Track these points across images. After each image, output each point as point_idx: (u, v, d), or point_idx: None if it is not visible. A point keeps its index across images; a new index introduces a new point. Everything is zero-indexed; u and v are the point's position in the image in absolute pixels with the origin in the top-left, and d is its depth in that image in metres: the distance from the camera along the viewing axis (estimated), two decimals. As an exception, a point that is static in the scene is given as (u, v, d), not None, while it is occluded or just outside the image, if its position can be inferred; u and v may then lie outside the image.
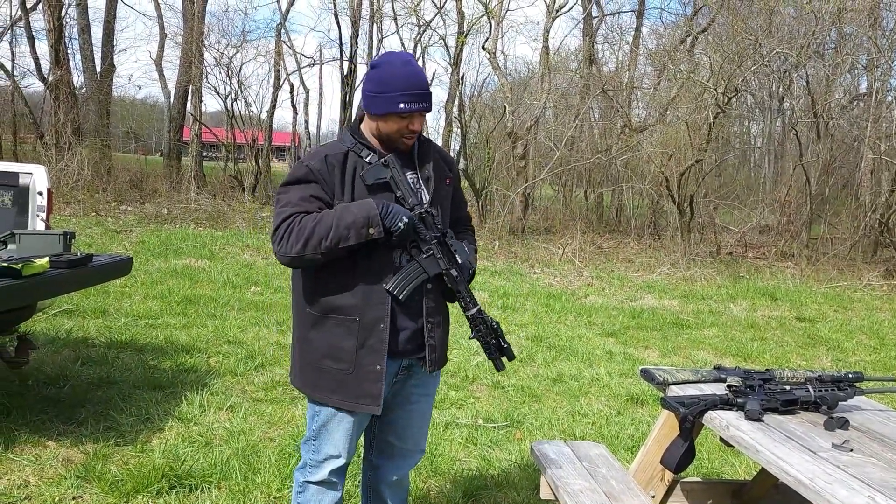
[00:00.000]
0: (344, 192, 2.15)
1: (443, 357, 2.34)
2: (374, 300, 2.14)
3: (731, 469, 3.79)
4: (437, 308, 2.26)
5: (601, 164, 14.95)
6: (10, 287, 3.06)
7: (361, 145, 2.20)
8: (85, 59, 16.80)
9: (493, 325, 2.29)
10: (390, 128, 2.16)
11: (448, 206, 2.35)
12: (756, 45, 12.21)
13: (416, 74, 2.15)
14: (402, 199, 2.15)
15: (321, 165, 2.14)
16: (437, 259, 2.18)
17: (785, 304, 9.14)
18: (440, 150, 2.40)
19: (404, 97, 2.11)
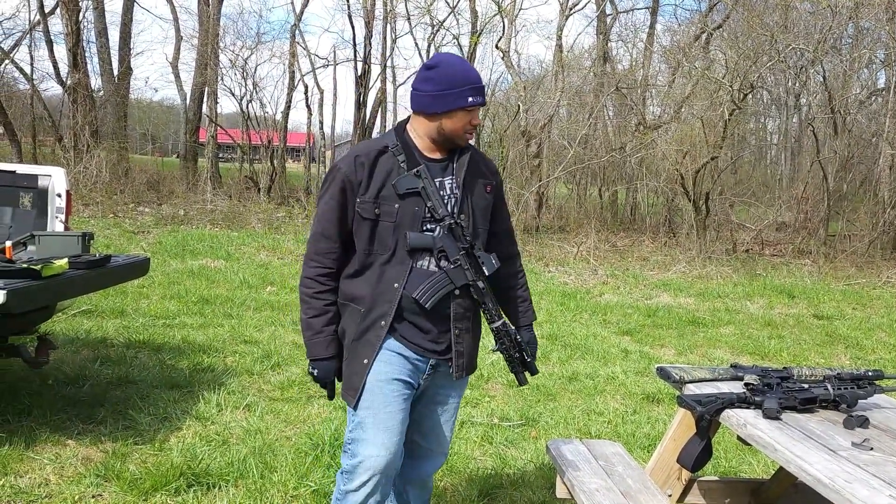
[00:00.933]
0: (369, 190, 2.19)
1: (471, 364, 2.36)
2: (382, 297, 2.19)
3: (749, 468, 3.77)
4: (465, 315, 2.28)
5: (615, 162, 14.89)
6: (30, 288, 3.10)
7: (402, 147, 2.23)
8: (102, 63, 16.96)
9: (517, 339, 2.32)
10: (456, 124, 2.21)
11: (485, 215, 2.33)
12: (772, 41, 12.10)
13: (474, 71, 2.25)
14: (433, 209, 2.19)
15: (348, 166, 2.20)
16: (464, 270, 2.22)
17: (802, 301, 9.05)
18: (483, 157, 2.41)
19: (471, 91, 2.19)
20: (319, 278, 2.25)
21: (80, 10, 15.82)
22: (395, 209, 2.18)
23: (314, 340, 2.24)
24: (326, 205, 2.23)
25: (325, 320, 2.25)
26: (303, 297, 2.26)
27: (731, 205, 14.19)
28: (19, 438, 3.49)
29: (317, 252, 2.25)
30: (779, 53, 12.38)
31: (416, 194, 2.19)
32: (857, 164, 15.08)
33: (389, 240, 2.19)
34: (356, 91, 18.14)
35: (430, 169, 2.23)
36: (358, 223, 2.21)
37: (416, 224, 2.20)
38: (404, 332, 2.23)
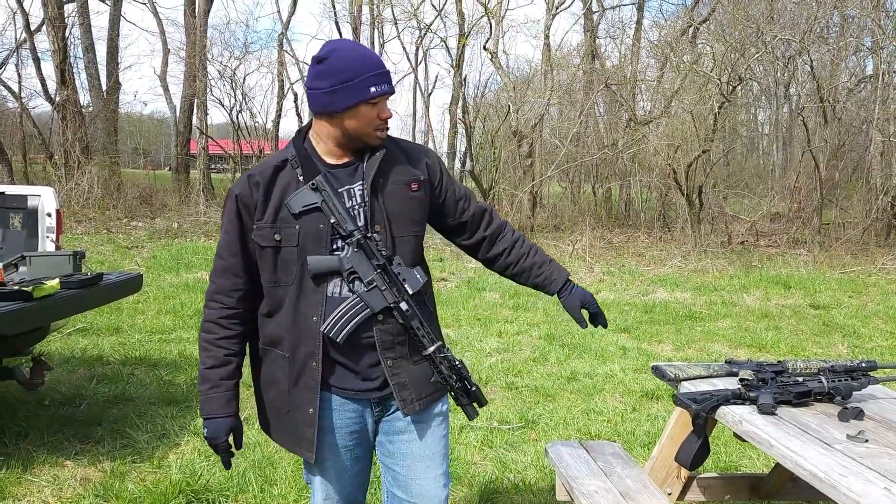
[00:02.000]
0: (266, 214, 1.88)
1: (424, 393, 1.97)
2: (303, 335, 1.89)
3: (749, 462, 3.77)
4: (395, 341, 1.91)
5: (608, 158, 14.90)
6: (22, 310, 3.09)
7: (299, 158, 1.92)
8: (90, 78, 16.94)
9: (456, 366, 1.93)
10: (362, 122, 1.88)
11: (412, 218, 1.97)
12: (758, 33, 12.14)
13: (372, 55, 1.91)
14: (337, 226, 1.86)
15: (242, 188, 1.90)
16: (381, 291, 1.87)
17: (799, 291, 9.07)
18: (406, 147, 2.04)
19: (373, 79, 1.85)
20: (222, 321, 1.93)
21: (67, 26, 15.80)
22: (296, 231, 1.86)
23: (210, 395, 1.92)
24: (226, 234, 1.93)
25: (224, 372, 1.93)
26: (202, 343, 1.95)
27: (725, 197, 14.21)
28: (17, 461, 3.48)
29: (217, 290, 1.94)
30: (766, 45, 12.42)
31: (316, 210, 1.86)
32: (848, 152, 15.11)
33: (294, 267, 1.87)
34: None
35: (335, 177, 1.91)
36: (259, 253, 1.90)
37: (321, 245, 1.87)
38: (333, 378, 1.92)
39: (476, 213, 2.13)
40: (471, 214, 2.11)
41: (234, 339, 1.94)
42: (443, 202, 2.07)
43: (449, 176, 2.09)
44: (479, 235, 2.14)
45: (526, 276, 2.16)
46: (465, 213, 2.11)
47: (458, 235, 2.15)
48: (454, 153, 18.12)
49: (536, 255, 2.16)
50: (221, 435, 1.93)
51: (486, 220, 2.14)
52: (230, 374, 1.94)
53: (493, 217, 2.16)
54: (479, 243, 2.15)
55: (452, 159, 17.98)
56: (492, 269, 2.20)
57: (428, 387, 1.97)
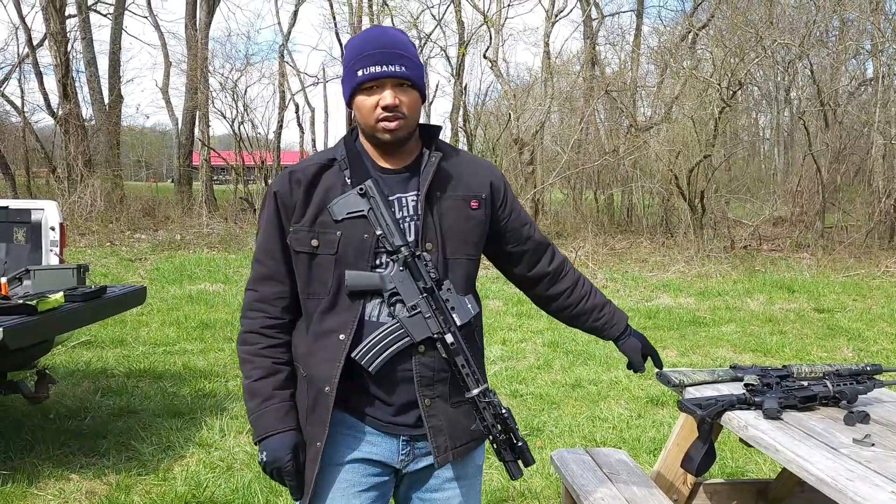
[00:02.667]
0: (305, 215, 1.66)
1: (460, 441, 1.71)
2: (324, 354, 1.64)
3: (756, 467, 3.76)
4: (435, 378, 1.67)
5: (609, 165, 14.92)
6: (26, 324, 3.10)
7: (349, 158, 1.71)
8: (92, 92, 17.01)
9: (502, 414, 1.67)
10: (362, 112, 1.66)
11: (468, 239, 1.73)
12: (757, 38, 12.16)
13: (376, 36, 1.67)
14: (383, 239, 1.64)
15: (283, 186, 1.69)
16: (425, 319, 1.63)
17: (802, 295, 9.05)
18: (468, 159, 1.82)
19: (361, 62, 1.62)
20: (265, 331, 1.69)
21: (69, 40, 15.89)
22: (337, 238, 1.64)
23: (263, 410, 1.64)
24: (265, 236, 1.71)
25: (276, 382, 1.67)
26: (243, 356, 1.70)
27: (727, 202, 14.21)
28: (22, 475, 3.48)
29: (259, 299, 1.71)
30: (765, 49, 12.45)
31: (362, 218, 1.64)
32: (849, 156, 15.11)
33: (329, 278, 1.64)
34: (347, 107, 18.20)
35: (385, 183, 1.68)
36: (294, 258, 1.68)
37: (364, 258, 1.64)
38: (354, 400, 1.67)
39: (541, 243, 1.91)
40: (535, 244, 1.89)
41: (280, 347, 1.70)
42: (505, 225, 1.83)
43: (514, 197, 1.87)
44: (542, 270, 1.91)
45: (585, 318, 1.97)
46: (529, 242, 1.88)
47: (515, 265, 1.90)
48: (456, 161, 18.13)
49: (597, 297, 1.98)
50: (285, 454, 1.62)
51: (550, 255, 1.92)
52: (282, 383, 1.68)
53: (556, 252, 1.95)
54: (539, 278, 1.92)
55: (454, 168, 18.00)
56: (544, 307, 1.98)
57: (466, 434, 1.72)
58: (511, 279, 1.97)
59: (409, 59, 1.64)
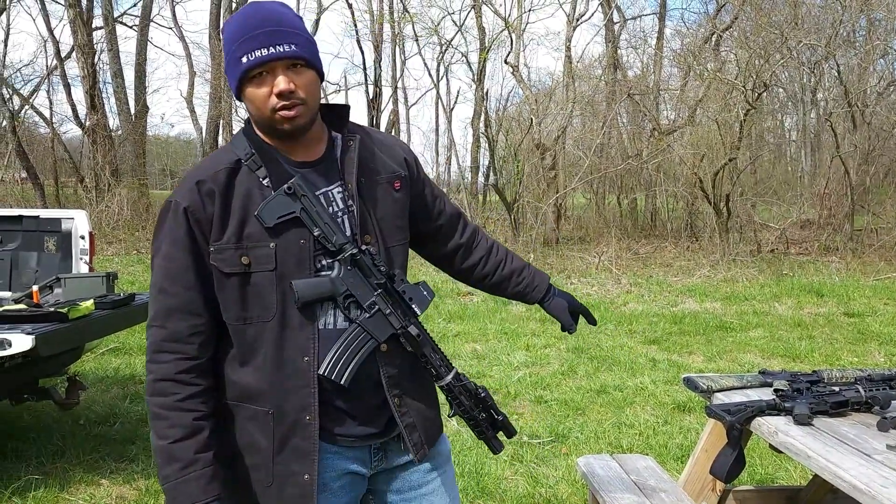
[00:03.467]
0: (227, 231, 1.46)
1: (431, 432, 1.66)
2: (292, 383, 1.48)
3: (786, 474, 3.70)
4: (402, 374, 1.59)
5: (632, 169, 14.81)
6: (57, 331, 3.16)
7: (259, 155, 1.50)
8: (119, 102, 17.28)
9: (479, 394, 1.65)
10: (255, 104, 1.45)
11: (400, 224, 1.64)
12: (782, 39, 12.02)
13: (254, 13, 1.46)
14: (324, 238, 1.49)
15: (193, 200, 1.45)
16: (385, 316, 1.54)
17: (832, 299, 8.91)
18: (380, 139, 1.68)
19: (244, 46, 1.42)
20: (181, 377, 1.45)
21: (96, 52, 16.18)
22: (272, 250, 1.46)
23: (183, 478, 1.42)
24: (172, 262, 1.46)
25: (198, 443, 1.44)
26: (156, 411, 1.45)
27: (753, 205, 14.04)
28: (54, 480, 3.54)
29: (170, 337, 1.46)
30: (790, 50, 12.29)
31: (295, 222, 1.47)
32: (879, 157, 14.84)
33: (272, 297, 1.47)
34: (368, 114, 18.30)
35: (307, 178, 1.51)
36: (220, 283, 1.47)
37: (305, 265, 1.48)
38: (332, 425, 1.53)
39: (452, 215, 1.82)
40: (447, 217, 1.81)
41: (200, 397, 1.47)
42: (423, 204, 1.74)
43: (424, 172, 1.77)
44: (455, 243, 1.83)
45: (505, 285, 1.90)
46: (442, 216, 1.80)
47: (431, 243, 1.82)
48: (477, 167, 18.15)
49: (514, 262, 1.91)
50: None
51: (462, 225, 1.84)
52: (205, 443, 1.45)
53: (467, 222, 1.87)
54: (454, 252, 1.84)
55: (476, 173, 18.01)
56: (466, 281, 1.92)
57: (434, 426, 1.68)
58: (428, 258, 1.88)
59: (299, 34, 1.45)
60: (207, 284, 1.48)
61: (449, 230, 1.82)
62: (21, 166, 15.64)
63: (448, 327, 7.33)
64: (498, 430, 1.68)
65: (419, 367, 1.63)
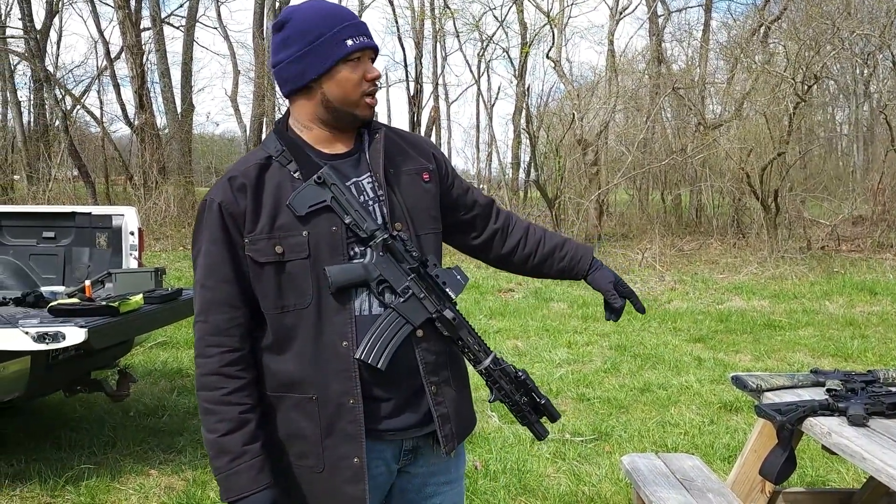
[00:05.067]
0: (259, 223, 1.51)
1: (464, 425, 1.66)
2: (333, 368, 1.51)
3: (838, 476, 3.59)
4: (439, 361, 1.59)
5: (677, 164, 14.56)
6: (109, 325, 3.24)
7: (289, 150, 1.57)
8: (166, 101, 17.66)
9: (519, 377, 1.64)
10: (345, 87, 1.53)
11: (430, 214, 1.66)
12: (834, 29, 11.67)
13: (341, 7, 1.61)
14: (355, 226, 1.52)
15: (226, 195, 1.52)
16: (419, 301, 1.55)
17: (886, 298, 8.62)
18: (405, 135, 1.74)
19: (349, 31, 1.52)
20: (227, 370, 1.50)
21: (144, 52, 16.56)
22: (304, 238, 1.50)
23: (234, 469, 1.47)
24: (209, 257, 1.53)
25: (247, 435, 1.49)
26: (205, 406, 1.51)
27: (803, 201, 13.67)
28: (105, 469, 3.64)
29: (212, 331, 1.51)
30: (842, 41, 11.93)
31: (326, 210, 1.52)
32: (935, 151, 14.31)
33: (307, 284, 1.50)
34: (409, 111, 18.38)
35: (338, 169, 1.57)
36: (255, 273, 1.52)
37: (338, 252, 1.52)
38: (370, 421, 1.54)
39: (486, 204, 1.84)
40: (481, 206, 1.83)
41: (246, 390, 1.51)
42: (454, 196, 1.77)
43: (452, 166, 1.82)
44: (492, 228, 1.84)
45: (550, 263, 1.86)
46: (476, 206, 1.82)
47: (468, 233, 1.83)
48: (518, 163, 18.08)
49: (554, 238, 1.88)
50: None
51: (496, 211, 1.86)
52: (252, 435, 1.50)
53: (499, 208, 1.88)
54: (491, 238, 1.84)
55: (517, 169, 17.94)
56: (508, 267, 1.90)
57: (467, 420, 1.68)
58: (465, 250, 1.88)
59: None
60: (244, 277, 1.53)
61: (484, 217, 1.84)
62: (73, 164, 16.11)
63: (489, 324, 7.31)
64: (541, 415, 1.67)
65: (456, 358, 1.65)
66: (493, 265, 1.92)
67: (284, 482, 1.55)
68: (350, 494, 1.52)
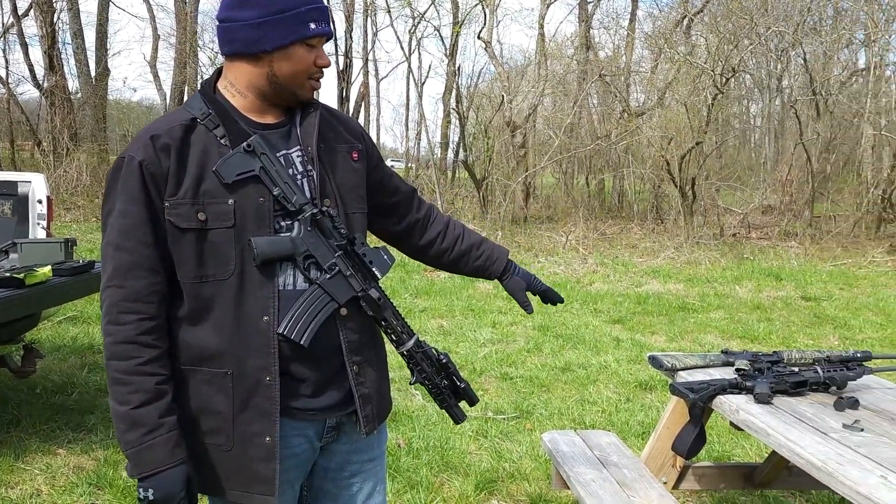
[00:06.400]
0: (182, 186, 1.44)
1: (383, 407, 1.66)
2: (252, 343, 1.47)
3: (743, 452, 3.79)
4: (362, 341, 1.58)
5: (601, 149, 14.90)
6: (13, 297, 3.07)
7: (217, 115, 1.50)
8: (79, 64, 16.75)
9: (440, 360, 1.65)
10: (296, 66, 1.50)
11: (359, 193, 1.65)
12: (752, 24, 12.13)
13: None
14: (283, 198, 1.49)
15: (148, 154, 1.43)
16: (346, 278, 1.53)
17: (790, 283, 9.11)
18: (337, 114, 1.71)
19: (315, 13, 1.50)
20: (143, 339, 1.42)
21: (55, 11, 15.62)
22: (230, 207, 1.45)
23: (148, 443, 1.40)
24: (127, 217, 1.43)
25: (162, 408, 1.43)
26: (117, 376, 1.42)
27: (717, 189, 14.25)
28: (9, 449, 3.46)
29: (129, 297, 1.42)
30: (759, 37, 12.42)
31: (254, 180, 1.47)
32: (839, 146, 15.17)
33: (231, 253, 1.45)
34: (338, 86, 18.06)
35: (267, 140, 1.52)
36: (174, 238, 1.45)
37: (265, 223, 1.48)
38: (289, 399, 1.51)
39: (408, 192, 1.84)
40: (403, 193, 1.82)
41: (162, 360, 1.45)
42: (378, 178, 1.75)
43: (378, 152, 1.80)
44: (412, 218, 1.83)
45: (466, 260, 1.88)
46: (399, 192, 1.81)
47: (388, 219, 1.82)
48: (447, 143, 18.08)
49: (472, 236, 1.90)
50: (178, 490, 1.42)
51: (417, 202, 1.86)
52: (169, 408, 1.44)
53: (421, 199, 1.88)
54: (411, 228, 1.84)
55: (445, 149, 17.94)
56: (424, 259, 1.90)
57: (385, 403, 1.68)
58: (385, 237, 1.87)
59: None
60: (163, 241, 1.45)
61: (406, 205, 1.83)
62: (-25, 127, 15.11)
63: (415, 303, 7.33)
64: (460, 399, 1.69)
65: (379, 339, 1.65)
66: (411, 255, 1.92)
67: (192, 460, 1.49)
68: (260, 473, 1.48)
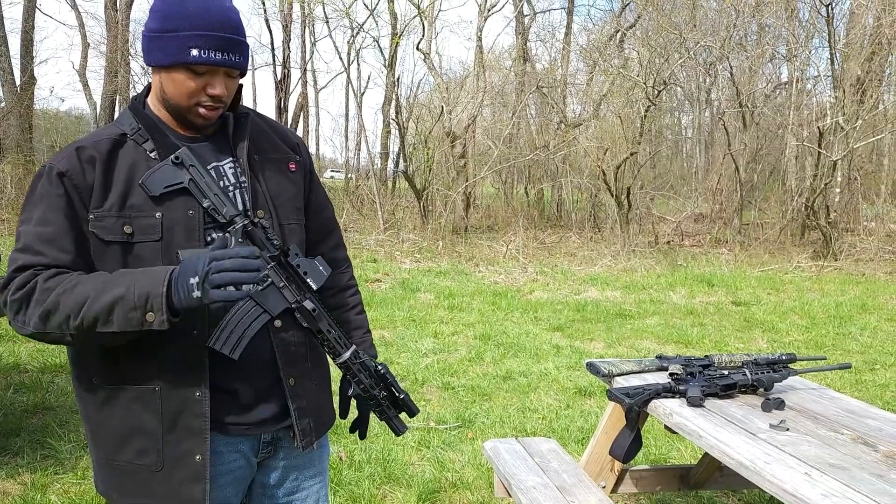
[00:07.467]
0: (108, 199, 1.40)
1: (322, 421, 1.63)
2: (180, 357, 1.43)
3: (678, 454, 3.90)
4: (297, 353, 1.56)
5: (540, 160, 15.15)
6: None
7: (146, 129, 1.47)
8: (3, 72, 16.09)
9: (379, 371, 1.61)
10: (180, 90, 1.43)
11: (295, 204, 1.62)
12: (681, 39, 12.57)
13: (218, 7, 1.43)
14: (214, 210, 1.45)
15: (72, 166, 1.41)
16: (279, 289, 1.49)
17: (721, 289, 9.43)
18: (273, 124, 1.68)
19: (199, 39, 1.39)
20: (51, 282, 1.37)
21: (-23, 17, 14.98)
22: (157, 220, 1.42)
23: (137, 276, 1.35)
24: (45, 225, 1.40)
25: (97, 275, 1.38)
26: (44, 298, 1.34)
27: (652, 198, 14.67)
28: (-74, 477, 3.28)
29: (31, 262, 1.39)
30: (688, 51, 12.88)
31: (183, 192, 1.44)
32: (765, 156, 15.82)
33: None
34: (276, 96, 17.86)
35: (196, 152, 1.48)
36: (98, 251, 1.41)
37: (195, 236, 1.44)
38: (222, 413, 1.48)
39: (330, 220, 1.78)
40: (325, 219, 1.76)
41: None
42: (310, 195, 1.70)
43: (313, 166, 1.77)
44: (325, 251, 1.75)
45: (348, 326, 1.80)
46: (321, 216, 1.75)
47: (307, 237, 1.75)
48: (387, 154, 18.07)
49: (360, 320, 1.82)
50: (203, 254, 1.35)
51: (335, 240, 1.79)
52: None
53: (341, 242, 1.82)
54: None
55: (386, 160, 17.92)
56: None
57: (325, 415, 1.65)
58: None
59: (247, 45, 1.49)
60: (85, 252, 1.42)
61: (321, 232, 1.74)
62: None
63: (356, 314, 7.27)
64: (400, 410, 1.65)
65: (315, 350, 1.61)
66: None
67: (120, 483, 1.45)
68: (188, 495, 1.44)
